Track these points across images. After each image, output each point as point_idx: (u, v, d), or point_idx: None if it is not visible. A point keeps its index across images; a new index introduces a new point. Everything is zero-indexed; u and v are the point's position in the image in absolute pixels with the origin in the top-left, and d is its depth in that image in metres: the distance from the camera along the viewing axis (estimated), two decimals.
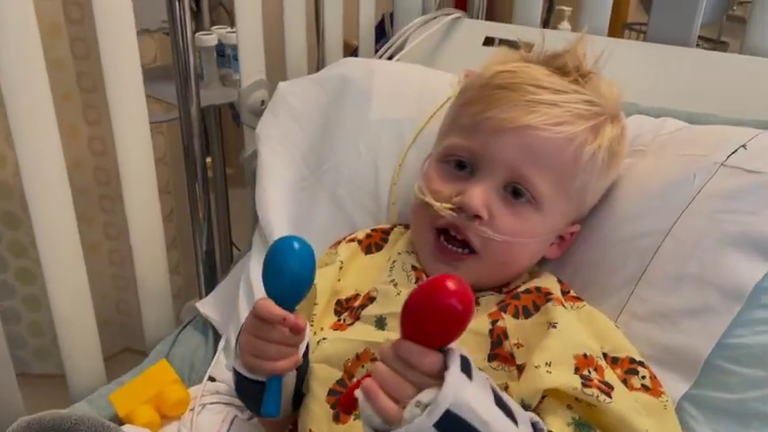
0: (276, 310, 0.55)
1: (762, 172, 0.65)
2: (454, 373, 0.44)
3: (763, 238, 0.63)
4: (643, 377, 0.60)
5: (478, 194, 0.63)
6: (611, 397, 0.55)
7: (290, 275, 0.55)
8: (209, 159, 1.46)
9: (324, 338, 0.66)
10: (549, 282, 0.68)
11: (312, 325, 0.69)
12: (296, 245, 0.55)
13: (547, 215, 0.66)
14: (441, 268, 0.67)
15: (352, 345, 0.64)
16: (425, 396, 0.44)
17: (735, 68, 0.92)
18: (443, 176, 0.68)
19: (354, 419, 0.59)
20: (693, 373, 0.62)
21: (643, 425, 0.55)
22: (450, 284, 0.44)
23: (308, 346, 0.62)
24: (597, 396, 0.55)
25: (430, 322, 0.45)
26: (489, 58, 0.73)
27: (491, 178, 0.65)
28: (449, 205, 0.65)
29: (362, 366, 0.63)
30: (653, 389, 0.59)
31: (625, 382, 0.59)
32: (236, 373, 0.60)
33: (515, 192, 0.65)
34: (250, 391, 0.60)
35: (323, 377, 0.63)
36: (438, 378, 0.45)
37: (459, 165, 0.67)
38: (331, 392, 0.62)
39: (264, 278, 0.56)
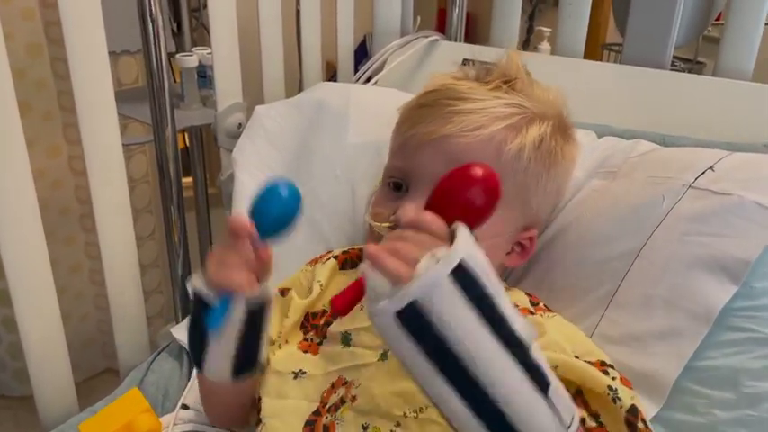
0: (247, 224, 0.55)
1: (729, 194, 0.66)
2: (464, 231, 0.45)
3: (731, 260, 0.63)
4: (613, 378, 0.59)
5: (410, 209, 0.64)
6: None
7: (271, 218, 0.57)
8: (189, 179, 1.47)
9: (302, 371, 0.66)
10: (516, 296, 0.68)
11: (278, 336, 0.70)
12: (283, 192, 0.57)
13: None
14: None
15: (328, 377, 0.65)
16: (440, 252, 0.43)
17: (707, 91, 0.93)
18: (383, 198, 0.70)
19: None
20: (662, 397, 0.62)
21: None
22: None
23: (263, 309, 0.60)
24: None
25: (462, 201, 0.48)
26: (425, 85, 0.74)
27: (421, 191, 0.65)
28: (387, 224, 0.66)
29: (335, 393, 0.63)
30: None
31: None
32: (193, 306, 0.58)
33: None
34: (200, 326, 0.57)
35: (301, 411, 0.64)
36: (448, 241, 0.45)
37: (396, 185, 0.69)
38: (308, 423, 0.63)
39: (250, 214, 0.58)
